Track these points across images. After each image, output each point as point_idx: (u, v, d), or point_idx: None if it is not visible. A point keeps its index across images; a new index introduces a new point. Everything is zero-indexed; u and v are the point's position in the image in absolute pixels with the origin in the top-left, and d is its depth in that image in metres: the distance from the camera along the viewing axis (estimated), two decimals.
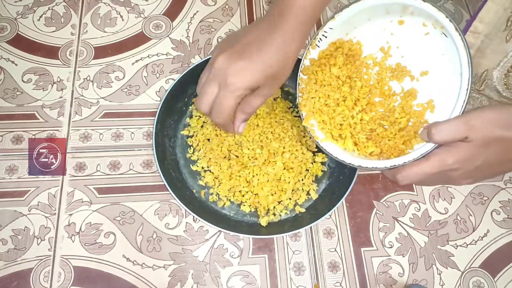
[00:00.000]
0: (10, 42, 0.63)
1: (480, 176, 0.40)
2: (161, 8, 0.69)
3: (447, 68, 0.44)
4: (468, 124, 0.37)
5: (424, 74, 0.46)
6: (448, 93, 0.43)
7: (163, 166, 0.53)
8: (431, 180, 0.42)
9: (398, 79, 0.48)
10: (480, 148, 0.37)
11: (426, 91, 0.46)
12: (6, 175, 0.55)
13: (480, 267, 0.55)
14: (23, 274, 0.50)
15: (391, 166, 0.42)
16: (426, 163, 0.39)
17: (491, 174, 0.41)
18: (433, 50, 0.45)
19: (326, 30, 0.49)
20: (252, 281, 0.52)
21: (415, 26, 0.46)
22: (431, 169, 0.39)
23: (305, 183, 0.56)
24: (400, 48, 0.48)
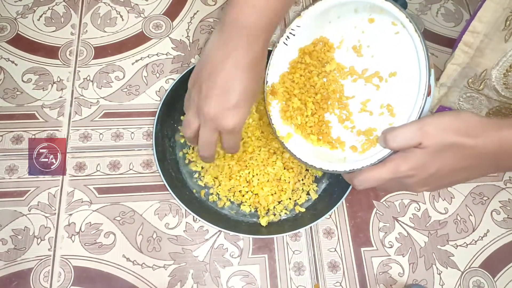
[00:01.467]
0: (10, 42, 0.63)
1: (436, 184, 0.40)
2: (161, 8, 0.69)
3: (413, 71, 0.43)
4: (422, 130, 0.36)
5: (393, 75, 0.46)
6: (410, 98, 0.42)
7: (163, 166, 0.53)
8: (389, 186, 0.42)
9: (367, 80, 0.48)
10: (434, 155, 0.36)
11: (392, 93, 0.46)
12: (6, 175, 0.55)
13: (480, 267, 0.55)
14: (23, 274, 0.50)
15: (350, 170, 0.42)
16: (382, 169, 0.39)
17: (448, 183, 0.40)
18: (402, 50, 0.45)
19: (293, 28, 0.48)
20: (252, 281, 0.52)
21: (385, 24, 0.46)
22: (386, 175, 0.38)
23: (305, 183, 0.56)
24: (371, 47, 0.48)
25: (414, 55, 0.42)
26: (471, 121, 0.37)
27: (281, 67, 0.51)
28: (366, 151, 0.45)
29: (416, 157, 0.37)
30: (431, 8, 0.73)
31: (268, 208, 0.55)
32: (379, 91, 0.48)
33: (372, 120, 0.47)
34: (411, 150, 0.37)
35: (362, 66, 0.49)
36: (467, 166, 0.38)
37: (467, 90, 0.51)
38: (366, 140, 0.46)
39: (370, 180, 0.40)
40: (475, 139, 0.36)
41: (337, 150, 0.49)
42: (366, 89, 0.48)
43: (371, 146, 0.45)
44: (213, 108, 0.40)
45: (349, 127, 0.49)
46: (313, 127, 0.50)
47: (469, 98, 0.51)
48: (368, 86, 0.48)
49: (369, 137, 0.46)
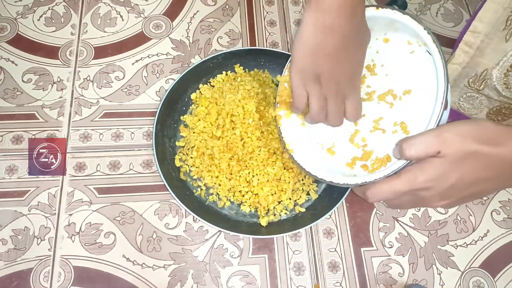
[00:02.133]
0: (10, 42, 0.63)
1: (456, 198, 0.37)
2: (161, 8, 0.69)
3: (428, 87, 0.43)
4: (440, 137, 0.34)
5: (407, 93, 0.46)
6: (426, 114, 0.42)
7: (163, 166, 0.53)
8: (403, 201, 0.39)
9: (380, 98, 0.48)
10: (453, 164, 0.34)
11: (406, 111, 0.46)
12: (6, 175, 0.55)
13: (480, 267, 0.55)
14: (23, 274, 0.50)
15: (362, 183, 0.41)
16: (396, 180, 0.37)
17: (468, 196, 0.37)
18: (417, 68, 0.45)
19: None
20: (252, 281, 0.52)
21: (400, 44, 0.46)
22: (401, 187, 0.36)
23: (305, 183, 0.56)
24: (385, 66, 0.48)
25: (429, 71, 0.42)
26: (491, 129, 0.35)
27: None
28: (376, 171, 0.44)
29: (434, 167, 0.34)
30: (431, 8, 0.73)
31: (268, 208, 0.55)
32: (393, 109, 0.47)
33: (385, 138, 0.47)
34: (429, 160, 0.35)
35: (376, 84, 0.49)
36: (489, 176, 0.35)
37: (467, 90, 0.51)
38: (376, 159, 0.46)
39: (384, 192, 0.37)
40: (497, 147, 0.33)
41: (347, 167, 0.48)
42: (379, 107, 0.48)
43: (381, 166, 0.44)
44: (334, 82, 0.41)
45: (360, 145, 0.49)
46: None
47: (469, 98, 0.51)
48: (381, 104, 0.48)
49: (380, 156, 0.45)
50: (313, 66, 0.40)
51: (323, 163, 0.49)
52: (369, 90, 0.49)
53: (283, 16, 0.70)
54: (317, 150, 0.51)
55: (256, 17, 0.70)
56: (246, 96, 0.56)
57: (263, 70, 0.63)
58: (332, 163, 0.50)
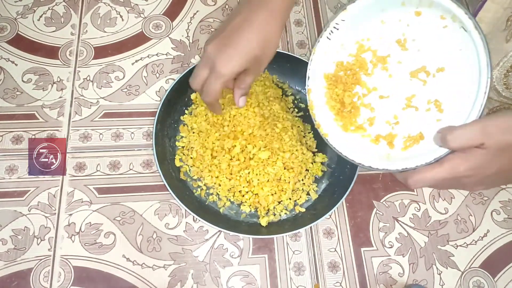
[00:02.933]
0: (10, 42, 0.63)
1: (492, 182, 0.40)
2: (161, 8, 0.69)
3: (464, 66, 0.42)
4: (485, 131, 0.36)
5: (440, 70, 0.45)
6: (462, 94, 0.41)
7: (163, 166, 0.53)
8: (443, 185, 0.41)
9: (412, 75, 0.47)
10: (495, 156, 0.36)
11: (440, 89, 0.45)
12: (6, 175, 0.55)
13: (480, 267, 0.55)
14: (23, 274, 0.50)
15: (402, 169, 0.41)
16: (439, 168, 0.38)
17: (504, 181, 0.40)
18: (451, 44, 0.43)
19: (337, 22, 0.47)
20: (252, 281, 0.52)
21: (432, 18, 0.44)
22: (444, 174, 0.38)
23: (305, 183, 0.56)
24: (417, 41, 0.46)
25: (464, 49, 0.41)
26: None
27: (323, 63, 0.49)
28: (409, 148, 0.44)
29: (476, 158, 0.37)
30: None
31: (268, 208, 0.55)
32: (426, 86, 0.46)
33: (418, 116, 0.46)
34: (471, 150, 0.37)
35: (407, 60, 0.47)
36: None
37: None
38: (409, 137, 0.45)
39: (427, 180, 0.39)
40: None
41: (379, 145, 0.47)
42: (412, 84, 0.47)
43: (414, 144, 0.44)
44: (212, 46, 0.43)
45: (392, 123, 0.48)
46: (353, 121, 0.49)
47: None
48: (413, 81, 0.47)
49: (412, 134, 0.45)
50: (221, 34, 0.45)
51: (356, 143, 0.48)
52: (401, 66, 0.48)
53: None
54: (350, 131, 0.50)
55: None
56: None
57: (263, 70, 0.63)
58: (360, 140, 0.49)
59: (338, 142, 0.48)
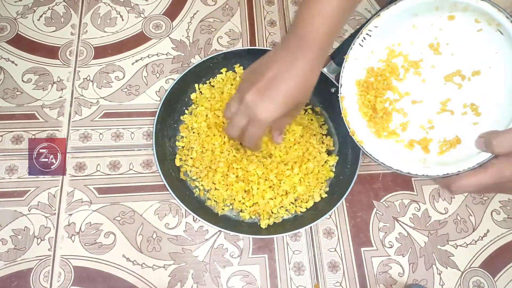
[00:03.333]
0: (10, 42, 0.63)
1: None
2: (161, 8, 0.69)
3: (501, 69, 0.42)
4: None
5: (476, 74, 0.44)
6: (499, 96, 0.41)
7: (163, 166, 0.53)
8: (486, 190, 0.40)
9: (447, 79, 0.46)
10: None
11: (476, 92, 0.44)
12: (6, 175, 0.55)
13: (480, 267, 0.55)
14: (23, 274, 0.50)
15: (443, 174, 0.40)
16: (484, 174, 0.37)
17: None
18: (486, 48, 0.43)
19: (370, 29, 0.47)
20: (252, 281, 0.52)
21: (466, 21, 0.43)
22: (488, 180, 0.37)
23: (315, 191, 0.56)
24: (450, 45, 0.46)
25: (500, 52, 0.41)
26: None
27: (355, 70, 0.49)
28: (446, 152, 0.43)
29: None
30: None
31: (270, 213, 0.54)
32: (461, 90, 0.45)
33: (453, 120, 0.45)
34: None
35: (441, 64, 0.46)
36: None
37: None
38: (445, 141, 0.45)
39: (472, 185, 0.38)
40: None
41: (414, 150, 0.47)
42: (446, 88, 0.46)
43: (451, 148, 0.43)
44: (251, 95, 0.42)
45: (426, 127, 0.47)
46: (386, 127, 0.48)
47: None
48: (448, 85, 0.46)
49: (448, 138, 0.44)
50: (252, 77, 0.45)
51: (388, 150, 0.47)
52: (434, 70, 0.47)
53: (283, 16, 0.70)
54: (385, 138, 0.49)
55: (256, 17, 0.70)
56: None
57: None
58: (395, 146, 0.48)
59: (373, 149, 0.47)
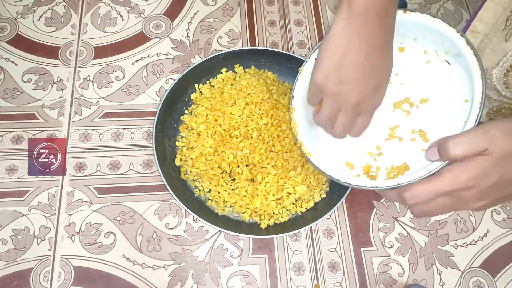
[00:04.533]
0: (10, 42, 0.63)
1: (494, 198, 0.36)
2: (161, 8, 0.69)
3: (449, 96, 0.43)
4: (487, 135, 0.33)
5: (424, 101, 0.46)
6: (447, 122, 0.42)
7: (163, 166, 0.53)
8: (438, 204, 0.38)
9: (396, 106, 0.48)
10: (498, 162, 0.33)
11: (424, 119, 0.45)
12: (6, 175, 0.55)
13: (480, 267, 0.55)
14: (23, 274, 0.50)
15: (393, 185, 0.40)
16: (439, 179, 0.35)
17: (504, 197, 0.37)
18: (434, 77, 0.45)
19: None
20: (252, 281, 0.52)
21: (416, 53, 0.46)
22: (443, 186, 0.35)
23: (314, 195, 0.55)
24: (400, 75, 0.48)
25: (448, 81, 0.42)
26: None
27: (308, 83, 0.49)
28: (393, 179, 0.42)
29: (478, 165, 0.34)
30: (431, 8, 0.73)
31: (273, 213, 0.54)
32: (410, 116, 0.47)
33: (402, 146, 0.45)
34: (473, 158, 0.34)
35: (390, 92, 0.47)
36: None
37: None
38: (392, 168, 0.45)
39: (426, 192, 0.36)
40: None
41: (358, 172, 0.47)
42: (395, 115, 0.47)
43: (398, 174, 0.43)
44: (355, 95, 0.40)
45: (375, 154, 0.47)
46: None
47: None
48: (397, 112, 0.47)
49: (395, 164, 0.44)
50: (336, 72, 0.40)
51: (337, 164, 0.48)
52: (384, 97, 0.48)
53: (283, 16, 0.70)
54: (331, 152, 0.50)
55: (256, 17, 0.70)
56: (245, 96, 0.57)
57: (264, 70, 0.63)
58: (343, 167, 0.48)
59: (321, 162, 0.47)
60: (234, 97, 0.57)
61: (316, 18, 0.70)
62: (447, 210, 0.38)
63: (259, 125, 0.56)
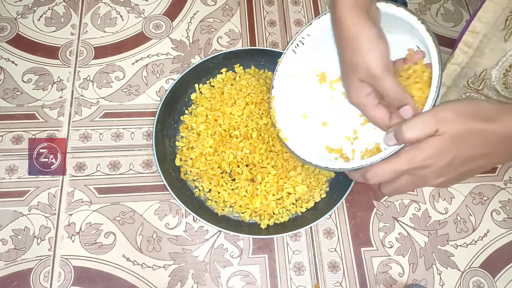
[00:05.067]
0: (10, 42, 0.63)
1: (453, 175, 0.38)
2: (161, 8, 0.69)
3: None
4: (437, 116, 0.35)
5: None
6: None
7: (163, 166, 0.53)
8: (402, 182, 0.40)
9: None
10: (451, 141, 0.35)
11: None
12: (6, 175, 0.55)
13: (480, 267, 0.55)
14: (23, 274, 0.50)
15: (358, 166, 0.41)
16: (396, 160, 0.37)
17: (465, 173, 0.38)
18: None
19: (303, 36, 0.49)
20: (252, 281, 0.52)
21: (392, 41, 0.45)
22: (401, 165, 0.37)
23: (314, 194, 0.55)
24: None
25: None
26: (485, 106, 0.36)
27: (288, 75, 0.52)
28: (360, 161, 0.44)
29: (431, 146, 0.35)
30: (431, 8, 0.73)
31: (273, 213, 0.54)
32: None
33: (375, 131, 0.46)
34: (427, 140, 0.36)
35: None
36: (486, 152, 0.36)
37: (467, 90, 0.51)
38: (366, 151, 0.47)
39: (385, 171, 0.38)
40: (494, 123, 0.34)
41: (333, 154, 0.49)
42: None
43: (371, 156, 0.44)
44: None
45: (351, 138, 0.49)
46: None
47: (468, 98, 0.51)
48: None
49: (369, 147, 0.46)
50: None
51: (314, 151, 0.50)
52: None
53: (283, 16, 0.70)
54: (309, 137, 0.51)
55: (256, 17, 0.70)
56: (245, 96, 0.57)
57: (264, 70, 0.63)
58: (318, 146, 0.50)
59: (297, 147, 0.49)
60: (234, 97, 0.57)
61: None
62: (412, 186, 0.40)
63: (259, 125, 0.56)
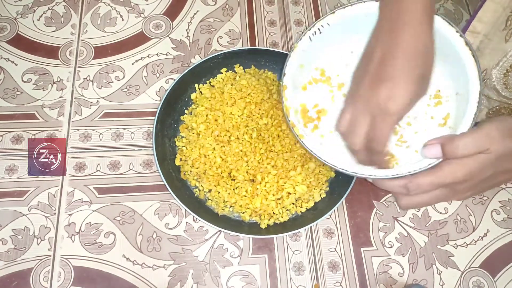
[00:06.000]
0: (10, 42, 0.63)
1: (481, 188, 0.40)
2: (161, 8, 0.69)
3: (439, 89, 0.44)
4: (490, 136, 0.37)
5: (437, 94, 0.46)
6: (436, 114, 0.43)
7: (163, 166, 0.53)
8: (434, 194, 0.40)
9: None
10: (496, 160, 0.37)
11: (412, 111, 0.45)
12: (6, 175, 0.55)
13: (480, 267, 0.55)
14: (23, 274, 0.50)
15: (392, 175, 0.40)
16: (440, 172, 0.38)
17: (491, 186, 0.40)
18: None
19: (322, 25, 0.47)
20: (252, 281, 0.52)
21: None
22: (445, 179, 0.38)
23: (316, 189, 0.55)
24: None
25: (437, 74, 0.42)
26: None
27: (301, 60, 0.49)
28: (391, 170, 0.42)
29: (479, 162, 0.37)
30: None
31: (273, 212, 0.54)
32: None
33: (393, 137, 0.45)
34: (473, 156, 0.37)
35: None
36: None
37: None
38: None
39: (429, 183, 0.39)
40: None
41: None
42: None
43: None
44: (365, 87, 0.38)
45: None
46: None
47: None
48: None
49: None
50: None
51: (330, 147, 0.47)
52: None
53: (283, 16, 0.70)
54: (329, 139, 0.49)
55: (256, 17, 0.70)
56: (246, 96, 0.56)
57: (264, 70, 0.63)
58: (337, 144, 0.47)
59: (314, 146, 0.45)
60: (234, 97, 0.57)
61: (316, 18, 0.70)
62: (439, 201, 0.41)
63: (259, 125, 0.56)
